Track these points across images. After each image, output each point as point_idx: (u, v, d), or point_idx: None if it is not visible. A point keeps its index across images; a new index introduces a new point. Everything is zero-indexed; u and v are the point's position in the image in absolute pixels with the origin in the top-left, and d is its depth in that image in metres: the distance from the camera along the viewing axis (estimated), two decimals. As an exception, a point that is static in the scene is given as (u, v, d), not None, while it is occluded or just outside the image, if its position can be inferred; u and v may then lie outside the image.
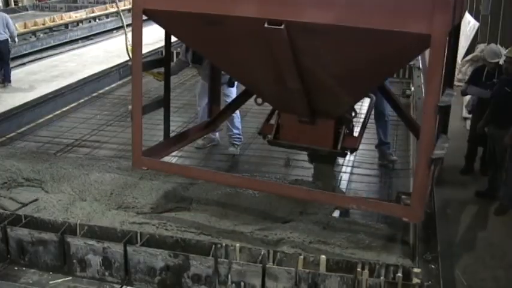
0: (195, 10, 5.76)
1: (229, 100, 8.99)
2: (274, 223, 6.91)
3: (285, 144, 7.29)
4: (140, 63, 6.60)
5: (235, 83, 9.33)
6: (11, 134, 10.56)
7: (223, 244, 5.84)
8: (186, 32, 6.43)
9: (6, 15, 16.35)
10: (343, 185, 8.49)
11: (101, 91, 13.58)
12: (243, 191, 7.43)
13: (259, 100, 7.32)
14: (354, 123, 7.10)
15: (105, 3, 28.04)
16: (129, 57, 9.43)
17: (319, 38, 5.47)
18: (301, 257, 5.67)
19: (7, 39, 15.74)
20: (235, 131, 9.67)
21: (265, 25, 5.43)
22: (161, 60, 7.56)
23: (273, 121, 7.27)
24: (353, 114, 6.83)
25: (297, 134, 6.98)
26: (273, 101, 7.10)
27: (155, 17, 6.31)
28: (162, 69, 7.62)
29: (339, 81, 6.06)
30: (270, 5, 5.46)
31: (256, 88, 7.19)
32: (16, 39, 16.42)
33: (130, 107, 7.28)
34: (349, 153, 7.24)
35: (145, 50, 7.34)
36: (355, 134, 7.13)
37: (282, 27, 5.39)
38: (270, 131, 7.19)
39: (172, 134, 10.23)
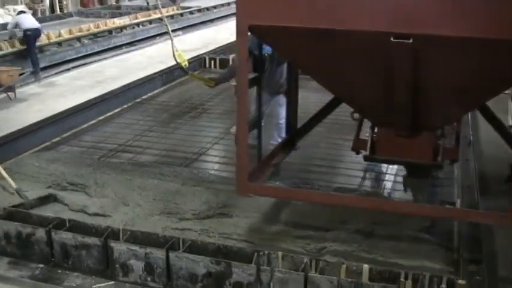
0: (310, 25, 5.53)
1: (281, 109, 8.95)
2: (317, 231, 6.89)
3: (382, 159, 7.19)
4: (246, 82, 6.29)
5: None
6: (56, 139, 10.64)
7: (266, 252, 5.84)
8: (293, 47, 6.17)
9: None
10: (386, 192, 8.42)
11: (144, 97, 13.65)
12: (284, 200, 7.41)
13: (356, 115, 7.25)
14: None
15: (148, 9, 28.19)
16: (176, 62, 9.53)
17: (447, 50, 5.33)
18: (344, 265, 5.65)
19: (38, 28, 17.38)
20: (272, 141, 9.51)
21: (392, 39, 5.26)
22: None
23: (363, 135, 7.19)
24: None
25: (395, 148, 6.78)
26: (372, 115, 6.92)
27: (261, 33, 6.17)
28: (212, 75, 7.54)
29: (456, 94, 5.91)
30: (398, 19, 5.26)
31: (356, 102, 6.97)
32: None
33: (232, 129, 7.26)
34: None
35: (193, 54, 7.28)
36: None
37: (410, 41, 5.23)
38: (364, 147, 7.03)
39: (214, 140, 10.39)
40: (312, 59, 6.22)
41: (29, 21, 17.54)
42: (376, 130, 6.87)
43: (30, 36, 17.41)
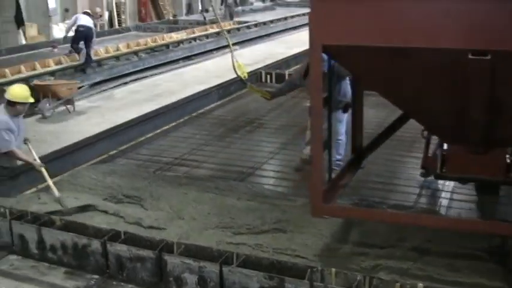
0: (385, 44, 5.47)
1: (341, 126, 8.90)
2: (371, 248, 6.81)
3: (453, 177, 7.12)
4: (321, 102, 6.19)
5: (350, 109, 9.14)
6: (112, 152, 10.78)
7: (319, 268, 5.80)
8: (366, 66, 6.13)
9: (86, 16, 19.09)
10: (443, 210, 8.30)
11: (200, 111, 13.72)
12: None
13: (426, 133, 7.18)
14: None
15: (205, 24, 28.42)
16: (237, 75, 9.58)
17: None
18: (398, 283, 5.59)
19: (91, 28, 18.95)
20: (337, 157, 9.43)
21: (469, 56, 5.18)
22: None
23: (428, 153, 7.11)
24: None
25: (466, 166, 6.72)
26: (443, 133, 6.85)
27: (335, 52, 6.14)
28: (269, 88, 7.52)
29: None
30: (475, 35, 5.16)
31: (427, 119, 6.86)
32: None
33: (306, 151, 7.22)
34: None
35: (250, 68, 7.25)
36: None
37: (488, 57, 5.15)
38: (434, 165, 6.99)
39: (270, 155, 10.39)
40: (384, 76, 6.16)
41: (85, 19, 18.91)
42: (445, 147, 6.80)
43: (81, 33, 18.79)
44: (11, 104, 8.46)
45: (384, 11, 5.44)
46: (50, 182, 8.32)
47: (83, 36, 18.85)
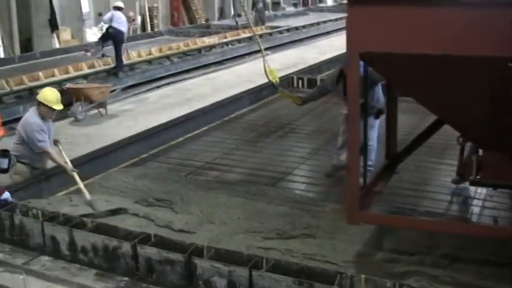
0: (424, 52, 5.47)
1: (372, 131, 8.86)
2: (401, 255, 6.77)
3: (490, 183, 7.08)
4: (358, 108, 6.23)
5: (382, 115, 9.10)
6: (144, 155, 10.83)
7: (349, 274, 5.77)
8: (403, 73, 6.14)
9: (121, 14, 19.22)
10: (474, 218, 8.23)
11: (231, 115, 13.74)
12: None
13: (461, 140, 7.14)
14: None
15: (237, 29, 28.47)
16: (268, 79, 9.58)
17: None
18: (428, 291, 5.54)
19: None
20: (369, 162, 9.35)
21: (509, 64, 5.15)
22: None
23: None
24: None
25: (502, 172, 6.71)
26: (479, 139, 6.84)
27: (372, 59, 6.15)
28: (301, 94, 7.52)
29: None
30: None
31: (463, 126, 6.87)
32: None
33: (342, 157, 7.20)
34: None
35: (282, 73, 7.24)
36: None
37: None
38: (469, 171, 6.96)
39: (301, 160, 10.37)
40: (422, 83, 6.14)
41: (117, 21, 18.95)
42: (480, 153, 6.76)
43: (110, 34, 19.04)
44: (39, 105, 8.69)
45: (423, 18, 5.43)
46: (81, 185, 8.42)
47: (110, 37, 19.02)
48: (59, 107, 8.83)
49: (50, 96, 8.76)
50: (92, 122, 13.02)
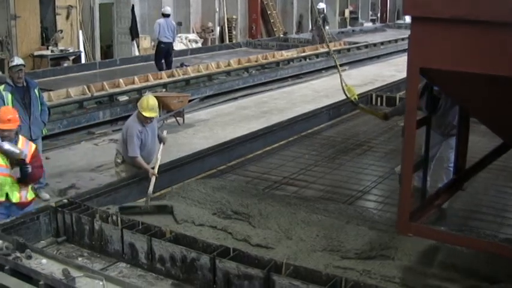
0: (488, 72, 5.28)
1: (452, 153, 8.67)
2: (481, 282, 6.60)
3: None
4: (414, 123, 6.05)
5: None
6: (222, 167, 10.85)
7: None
8: (465, 92, 6.08)
9: (174, 23, 20.11)
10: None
11: (309, 130, 13.64)
12: (449, 245, 7.17)
13: None
14: None
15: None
16: (346, 96, 9.51)
17: None
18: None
19: (171, 42, 19.97)
20: (439, 184, 9.20)
21: None
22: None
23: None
24: None
25: None
26: None
27: (432, 76, 6.10)
28: (384, 109, 7.43)
29: None
30: None
31: None
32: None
33: (397, 169, 7.11)
34: None
35: (360, 90, 7.16)
36: None
37: None
38: None
39: (379, 179, 10.24)
40: (483, 103, 6.07)
41: (164, 33, 19.74)
42: None
43: (162, 49, 19.92)
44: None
45: (487, 38, 5.27)
46: (152, 180, 8.80)
47: (163, 52, 19.34)
48: (149, 114, 9.14)
49: (144, 103, 9.14)
50: (169, 131, 13.12)
